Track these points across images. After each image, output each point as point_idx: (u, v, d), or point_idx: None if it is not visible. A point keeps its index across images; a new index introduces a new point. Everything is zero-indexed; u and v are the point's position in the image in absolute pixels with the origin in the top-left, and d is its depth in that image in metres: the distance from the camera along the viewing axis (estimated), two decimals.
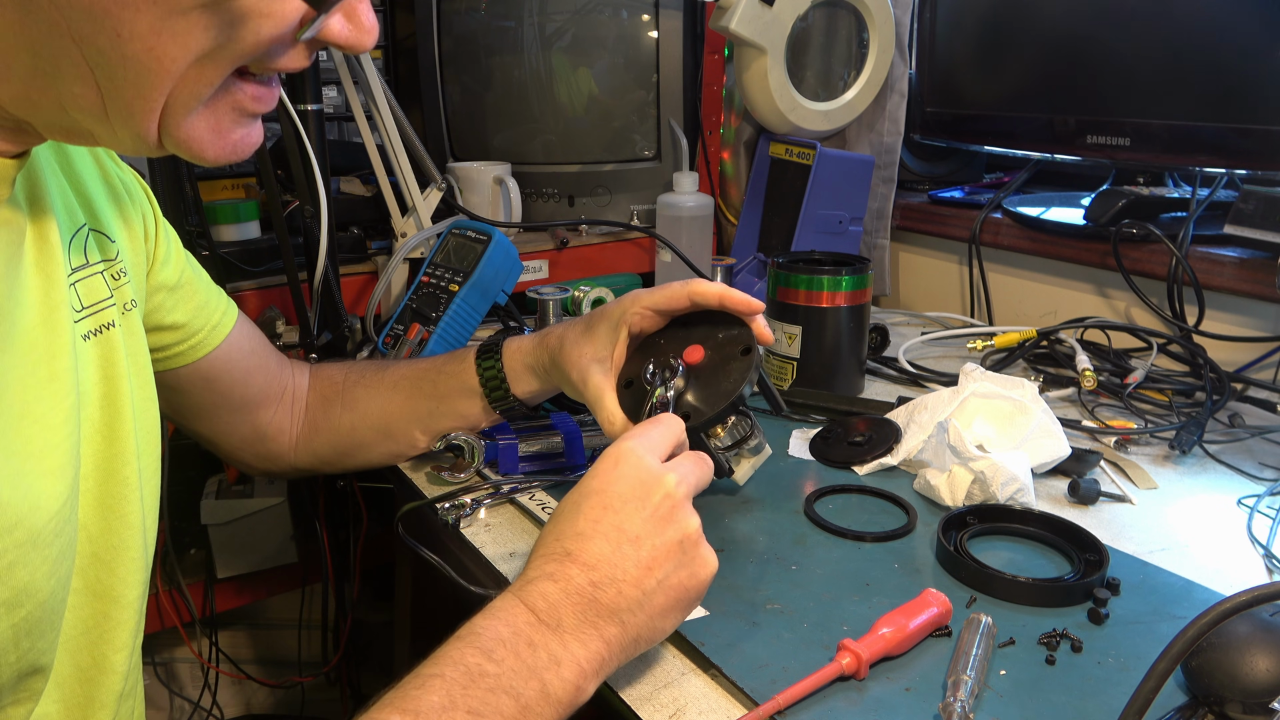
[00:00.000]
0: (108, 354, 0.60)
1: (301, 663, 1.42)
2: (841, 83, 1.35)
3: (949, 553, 0.67)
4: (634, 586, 0.53)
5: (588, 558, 0.53)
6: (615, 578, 0.53)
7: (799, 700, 0.53)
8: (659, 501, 0.55)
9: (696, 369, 0.70)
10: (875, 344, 1.11)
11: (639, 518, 0.55)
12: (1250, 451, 0.89)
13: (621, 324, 0.73)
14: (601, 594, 0.52)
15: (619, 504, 0.55)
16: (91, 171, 0.64)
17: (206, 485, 1.25)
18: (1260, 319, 1.06)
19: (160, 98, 0.46)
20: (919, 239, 1.46)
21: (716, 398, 0.69)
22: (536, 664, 0.50)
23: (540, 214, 1.39)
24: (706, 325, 0.73)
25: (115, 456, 0.60)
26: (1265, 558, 0.70)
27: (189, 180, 1.13)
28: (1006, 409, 0.80)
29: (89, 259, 0.60)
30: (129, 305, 0.63)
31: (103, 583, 0.60)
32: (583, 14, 1.33)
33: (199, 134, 0.49)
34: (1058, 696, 0.54)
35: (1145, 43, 1.07)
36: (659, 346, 0.73)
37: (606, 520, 0.55)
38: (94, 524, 0.59)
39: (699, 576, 0.56)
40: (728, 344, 0.71)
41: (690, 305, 0.72)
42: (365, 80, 1.12)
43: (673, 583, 0.55)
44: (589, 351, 0.73)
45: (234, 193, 1.48)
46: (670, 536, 0.55)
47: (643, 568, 0.54)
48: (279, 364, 0.85)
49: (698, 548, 0.56)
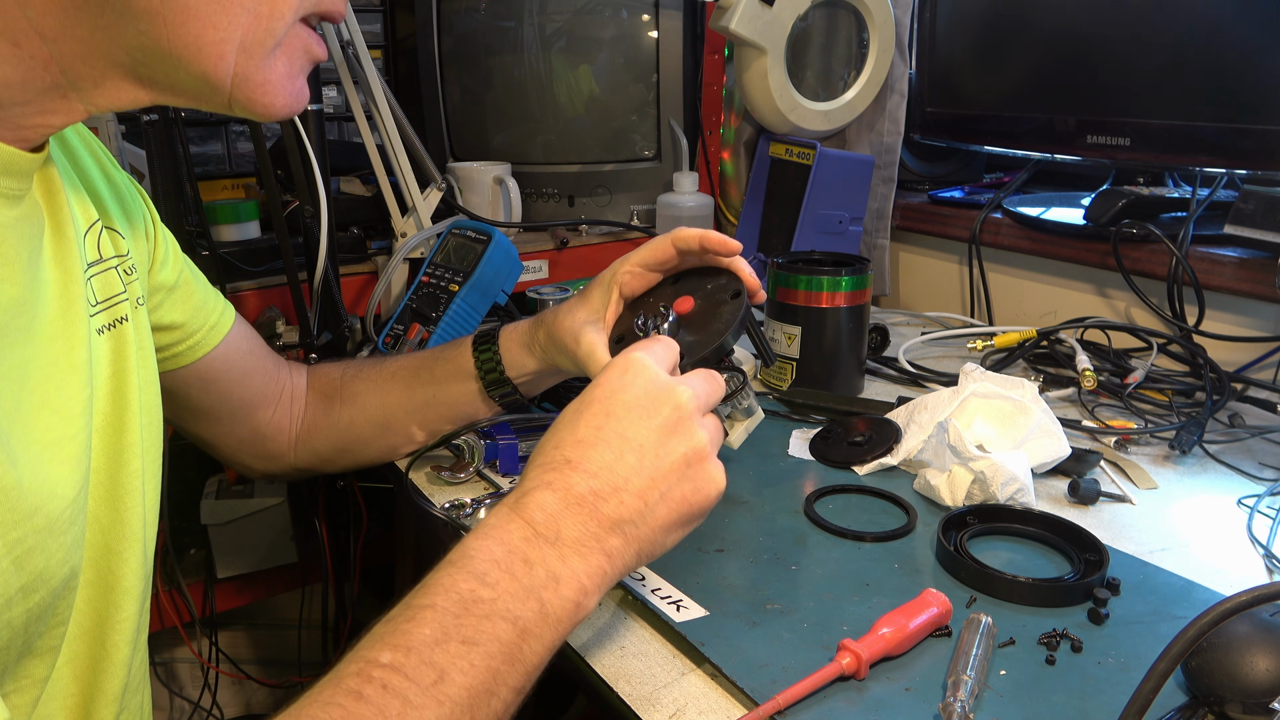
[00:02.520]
0: (120, 348, 0.60)
1: (301, 663, 1.42)
2: (841, 83, 1.35)
3: (949, 553, 0.67)
4: (637, 497, 0.51)
5: (590, 465, 0.52)
6: (618, 486, 0.51)
7: (799, 700, 0.53)
8: (668, 413, 0.54)
9: (687, 318, 0.71)
10: (875, 344, 1.11)
11: (645, 427, 0.53)
12: (1250, 451, 0.89)
13: (613, 285, 0.74)
14: (603, 504, 0.51)
15: (623, 411, 0.53)
16: (95, 171, 0.65)
17: (206, 485, 1.25)
18: (1260, 319, 1.06)
19: (229, 31, 0.46)
20: (919, 239, 1.46)
21: (706, 338, 0.69)
22: (534, 583, 0.48)
23: (540, 214, 1.39)
24: (695, 278, 0.74)
25: (124, 450, 0.60)
26: (1265, 558, 0.70)
27: (189, 180, 1.13)
28: (1006, 409, 0.80)
29: (103, 254, 0.61)
30: (140, 301, 0.64)
31: (114, 573, 0.60)
32: (583, 14, 1.33)
33: (277, 78, 0.50)
34: (1058, 696, 0.54)
35: (1145, 43, 1.07)
36: (649, 304, 0.74)
37: (610, 427, 0.53)
38: (105, 515, 0.59)
39: (704, 492, 0.54)
40: (716, 292, 0.72)
41: (676, 255, 0.74)
42: (365, 80, 1.12)
43: (676, 496, 0.53)
44: (581, 315, 0.74)
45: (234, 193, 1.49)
46: (676, 448, 0.53)
47: (646, 478, 0.52)
48: (276, 365, 0.85)
49: (705, 463, 0.54)
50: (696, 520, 0.55)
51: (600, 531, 0.50)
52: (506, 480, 0.81)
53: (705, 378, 0.59)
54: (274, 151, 1.12)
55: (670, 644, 0.60)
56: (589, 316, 0.73)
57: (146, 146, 1.13)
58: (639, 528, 0.51)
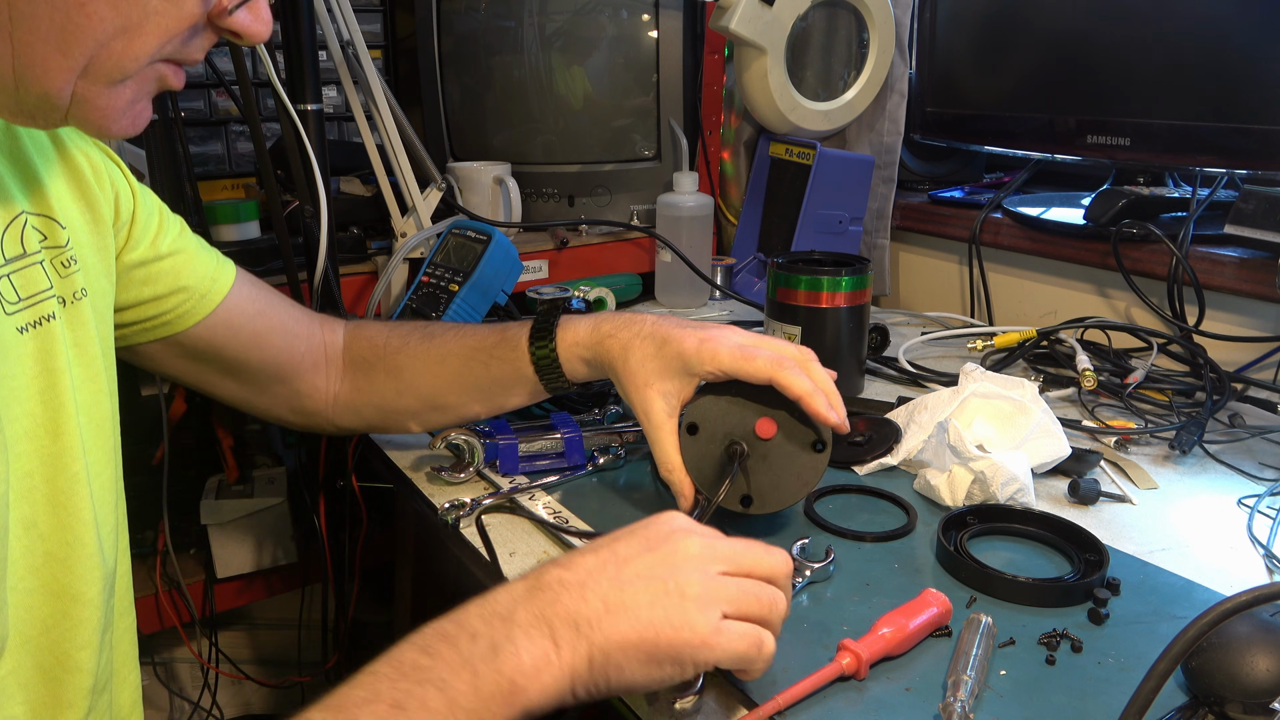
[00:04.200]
0: (46, 346, 0.58)
1: (301, 663, 1.42)
2: (841, 83, 1.35)
3: (949, 553, 0.67)
4: (599, 600, 0.49)
5: (568, 562, 0.51)
6: (584, 583, 0.50)
7: (799, 700, 0.53)
8: (669, 548, 0.52)
9: (766, 446, 0.69)
10: (875, 344, 1.11)
11: (637, 548, 0.52)
12: (1250, 451, 0.88)
13: (696, 375, 0.70)
14: (565, 593, 0.49)
15: (627, 535, 0.53)
16: (47, 153, 0.62)
17: (206, 485, 1.25)
18: (1260, 319, 1.06)
19: (76, 59, 0.47)
20: (919, 239, 1.46)
21: (781, 494, 0.70)
22: (472, 654, 0.47)
23: (540, 214, 1.39)
24: (778, 395, 0.68)
25: (62, 453, 0.58)
26: (1265, 558, 0.70)
27: (189, 180, 1.13)
28: (1006, 409, 0.80)
29: (26, 248, 0.58)
30: (78, 295, 0.61)
31: (60, 581, 0.59)
32: (583, 14, 1.33)
33: (120, 104, 0.50)
34: (1058, 696, 0.54)
35: (1145, 43, 1.07)
36: (728, 399, 0.70)
37: (607, 543, 0.53)
38: (45, 521, 0.58)
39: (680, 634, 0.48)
40: (800, 430, 0.69)
41: (767, 383, 0.67)
42: (365, 80, 1.12)
43: (644, 619, 0.49)
44: (656, 382, 0.70)
45: (234, 193, 1.49)
46: (661, 574, 0.50)
47: (616, 587, 0.50)
48: (303, 322, 0.83)
49: (686, 602, 0.49)
50: (666, 661, 0.49)
51: (554, 618, 0.48)
52: (506, 480, 0.81)
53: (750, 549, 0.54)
54: (274, 151, 1.12)
55: None
56: (663, 388, 0.70)
57: (146, 146, 1.13)
58: (595, 632, 0.48)
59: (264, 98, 1.37)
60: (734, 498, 0.70)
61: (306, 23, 1.02)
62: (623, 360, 0.72)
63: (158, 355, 0.75)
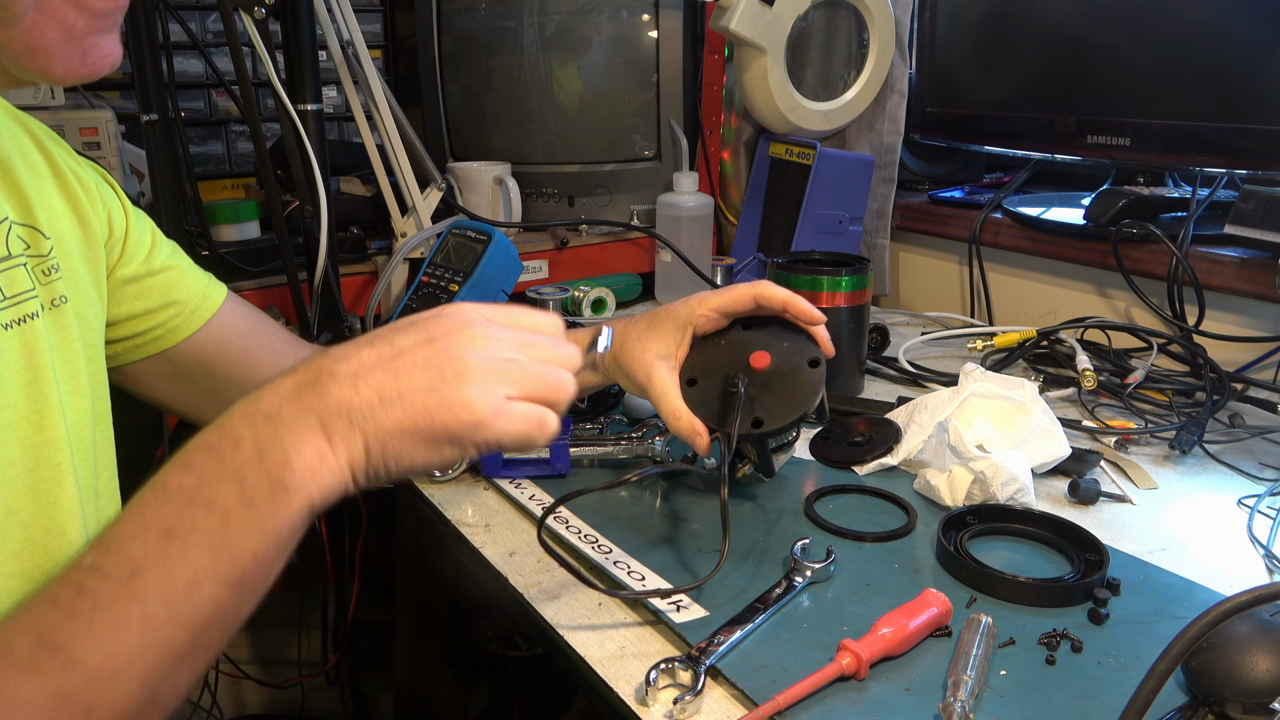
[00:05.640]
0: (31, 343, 0.59)
1: (301, 663, 1.42)
2: (841, 83, 1.35)
3: (949, 553, 0.67)
4: (373, 390, 0.47)
5: (340, 353, 0.49)
6: (357, 374, 0.47)
7: (799, 700, 0.53)
8: (441, 324, 0.50)
9: (764, 375, 0.72)
10: (875, 344, 1.11)
11: (413, 333, 0.49)
12: (1250, 451, 0.89)
13: (688, 324, 0.75)
14: (335, 386, 0.47)
15: (406, 325, 0.51)
16: (36, 163, 0.63)
17: None
18: (1260, 319, 1.06)
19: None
20: (919, 239, 1.46)
21: (789, 407, 0.71)
22: (239, 463, 0.44)
23: (540, 214, 1.39)
24: (766, 331, 0.75)
25: (46, 443, 0.59)
26: (1265, 558, 0.70)
27: (189, 180, 1.13)
28: (1006, 409, 0.80)
29: (11, 251, 0.59)
30: (57, 301, 0.62)
31: (41, 569, 0.59)
32: (582, 14, 1.33)
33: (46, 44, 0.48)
34: (1058, 696, 0.54)
35: (1145, 43, 1.07)
36: (719, 346, 0.75)
37: (384, 338, 0.50)
38: (25, 509, 0.58)
39: (453, 413, 0.47)
40: (793, 354, 0.73)
41: (753, 307, 0.74)
42: (365, 80, 1.12)
43: (419, 405, 0.47)
44: (653, 348, 0.74)
45: (234, 193, 1.49)
46: (430, 357, 0.48)
47: (391, 371, 0.47)
48: (291, 344, 0.84)
49: (462, 384, 0.48)
50: (444, 443, 0.48)
51: (324, 412, 0.46)
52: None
53: (529, 314, 0.54)
54: (274, 151, 1.12)
55: (670, 644, 0.60)
56: (661, 351, 0.74)
57: (146, 146, 1.13)
58: (369, 422, 0.46)
59: (264, 98, 1.37)
60: (745, 423, 0.72)
61: (306, 23, 1.02)
62: (621, 345, 0.76)
63: (147, 376, 0.76)
